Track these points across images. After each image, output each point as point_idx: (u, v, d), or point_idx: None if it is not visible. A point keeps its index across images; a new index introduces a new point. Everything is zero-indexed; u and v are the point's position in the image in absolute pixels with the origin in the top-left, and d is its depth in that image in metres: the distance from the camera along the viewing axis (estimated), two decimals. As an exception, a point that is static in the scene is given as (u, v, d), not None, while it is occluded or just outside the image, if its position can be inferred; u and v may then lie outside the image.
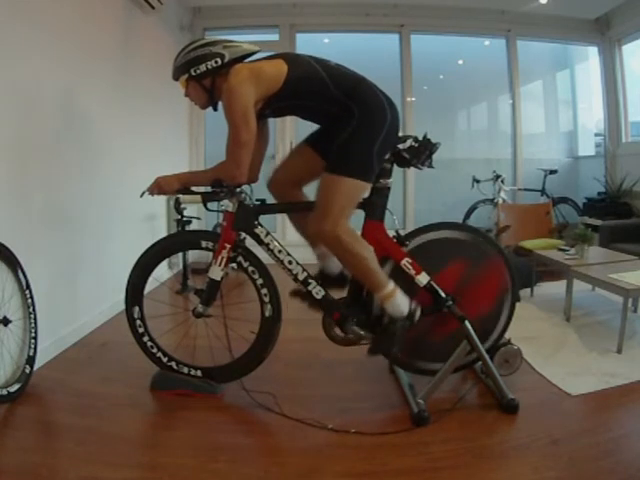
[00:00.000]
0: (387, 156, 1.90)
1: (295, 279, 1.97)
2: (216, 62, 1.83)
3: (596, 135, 5.71)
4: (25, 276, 2.09)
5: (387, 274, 1.93)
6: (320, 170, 1.88)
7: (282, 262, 1.97)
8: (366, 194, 1.95)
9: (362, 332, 1.93)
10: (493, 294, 2.01)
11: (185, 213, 3.48)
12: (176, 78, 1.92)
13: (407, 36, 5.06)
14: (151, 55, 3.78)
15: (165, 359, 2.09)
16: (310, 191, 2.00)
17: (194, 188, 1.97)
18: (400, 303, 1.85)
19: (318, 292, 1.95)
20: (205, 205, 1.99)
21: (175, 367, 2.09)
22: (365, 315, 1.96)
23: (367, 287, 1.91)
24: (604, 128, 5.25)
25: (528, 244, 3.67)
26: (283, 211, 2.00)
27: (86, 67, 2.77)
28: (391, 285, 1.85)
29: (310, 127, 2.04)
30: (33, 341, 2.11)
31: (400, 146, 1.90)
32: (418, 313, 1.88)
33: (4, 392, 1.89)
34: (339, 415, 1.85)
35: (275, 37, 4.99)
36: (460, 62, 5.52)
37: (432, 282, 1.90)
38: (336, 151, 1.82)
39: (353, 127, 1.79)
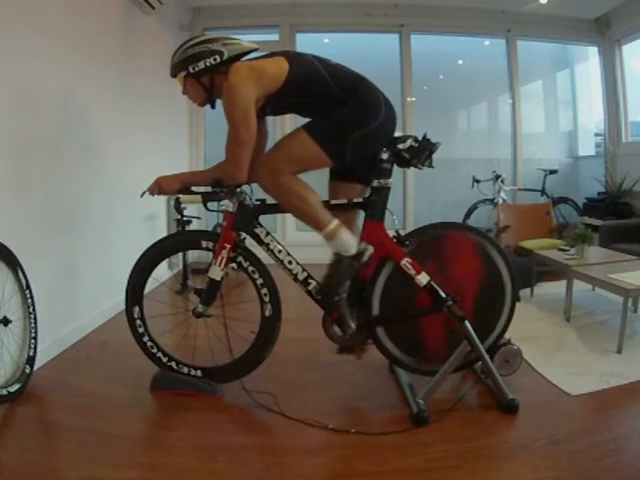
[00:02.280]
0: (387, 156, 1.90)
1: (295, 279, 1.97)
2: (215, 59, 1.82)
3: (596, 135, 5.72)
4: (25, 276, 2.09)
5: (386, 274, 1.93)
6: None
7: (282, 262, 1.97)
8: (366, 193, 1.96)
9: (356, 330, 1.93)
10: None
11: (185, 213, 3.48)
12: (174, 75, 1.91)
13: (407, 36, 5.06)
14: (151, 55, 3.78)
15: (165, 359, 2.09)
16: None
17: (194, 188, 1.97)
18: (345, 241, 1.85)
19: (318, 292, 1.95)
20: (205, 205, 1.99)
21: (175, 367, 2.09)
22: (365, 315, 1.95)
23: (313, 228, 1.89)
24: (604, 128, 5.25)
25: (528, 244, 3.67)
26: (283, 211, 1.99)
27: (86, 67, 2.77)
28: (335, 223, 1.85)
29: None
30: (33, 341, 2.11)
31: (400, 146, 1.90)
32: (368, 253, 1.88)
33: (4, 392, 1.89)
34: (339, 415, 1.86)
35: (275, 37, 4.99)
36: (460, 62, 5.52)
37: (432, 282, 1.90)
38: (319, 115, 1.85)
39: (344, 110, 1.81)
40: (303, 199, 1.83)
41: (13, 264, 2.03)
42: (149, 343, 2.09)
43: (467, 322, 1.87)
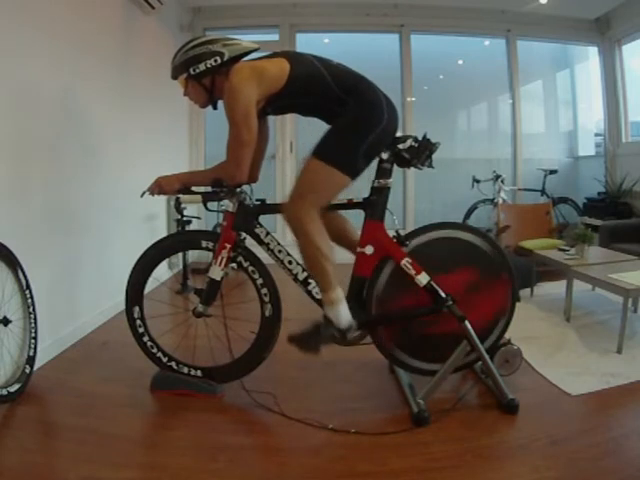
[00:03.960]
0: (387, 156, 1.90)
1: (295, 279, 1.97)
2: (215, 61, 1.82)
3: (596, 135, 5.72)
4: (25, 276, 2.09)
5: (387, 274, 1.93)
6: None
7: (282, 262, 1.97)
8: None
9: (358, 332, 1.93)
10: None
11: (185, 213, 3.48)
12: (175, 77, 1.91)
13: (407, 36, 5.06)
14: (151, 55, 3.78)
15: (165, 359, 2.09)
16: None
17: (194, 188, 1.97)
18: (340, 314, 1.83)
19: (318, 292, 1.95)
20: (205, 205, 1.99)
21: (175, 367, 2.09)
22: (364, 315, 1.95)
23: (317, 284, 1.88)
24: (604, 128, 5.25)
25: (528, 244, 3.67)
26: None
27: (86, 67, 2.77)
28: (338, 293, 1.83)
29: (311, 125, 2.04)
30: (33, 341, 2.11)
31: (400, 146, 1.90)
32: (352, 335, 1.88)
33: (4, 392, 1.89)
34: (339, 415, 1.85)
35: (275, 37, 5.00)
36: (460, 62, 5.52)
37: (432, 282, 1.90)
38: (324, 136, 1.83)
39: (347, 118, 1.80)
40: (321, 252, 1.80)
41: (13, 264, 2.03)
42: (149, 343, 2.09)
43: (467, 322, 1.88)
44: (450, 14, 4.91)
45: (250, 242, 1.99)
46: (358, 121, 1.80)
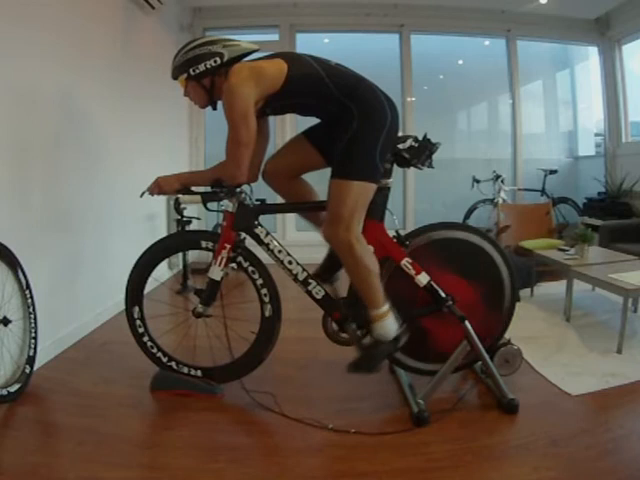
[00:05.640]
0: (387, 156, 1.90)
1: (295, 279, 1.97)
2: (215, 61, 1.82)
3: (596, 135, 5.72)
4: (25, 276, 2.09)
5: (387, 274, 1.93)
6: (314, 164, 1.95)
7: (282, 262, 1.97)
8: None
9: (359, 332, 1.93)
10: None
11: (185, 213, 3.47)
12: (175, 77, 1.91)
13: (407, 36, 5.06)
14: (151, 55, 3.78)
15: (165, 359, 2.09)
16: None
17: (194, 188, 1.97)
18: (390, 325, 1.84)
19: (318, 292, 1.95)
20: (205, 205, 1.99)
21: (175, 367, 2.09)
22: (365, 315, 1.95)
23: (365, 301, 1.87)
24: (604, 128, 5.25)
25: (528, 244, 3.67)
26: (283, 211, 1.99)
27: (86, 67, 2.77)
28: (387, 306, 1.84)
29: (311, 125, 2.04)
30: (33, 341, 2.11)
31: (400, 146, 1.90)
32: (404, 339, 1.88)
33: (4, 392, 1.89)
34: (339, 415, 1.85)
35: (275, 37, 5.00)
36: (460, 62, 5.52)
37: (432, 282, 1.90)
38: (340, 155, 1.82)
39: (354, 129, 1.79)
40: (369, 276, 1.81)
41: (13, 264, 2.03)
42: (149, 343, 2.09)
43: (467, 322, 1.88)
44: (450, 14, 4.91)
45: (250, 242, 1.99)
46: (366, 128, 1.80)
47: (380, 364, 1.88)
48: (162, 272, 3.84)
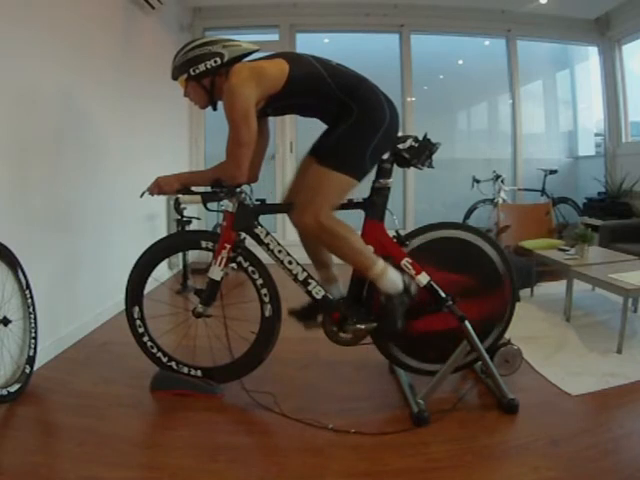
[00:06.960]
0: (387, 156, 1.90)
1: (295, 279, 1.97)
2: (215, 62, 1.82)
3: (596, 135, 5.72)
4: (25, 276, 2.09)
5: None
6: None
7: (282, 262, 1.97)
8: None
9: (363, 326, 1.93)
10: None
11: (185, 213, 3.48)
12: (175, 78, 1.91)
13: (407, 36, 5.07)
14: (151, 55, 3.78)
15: (165, 359, 2.09)
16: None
17: (194, 188, 1.97)
18: (394, 279, 1.84)
19: (318, 292, 1.95)
20: (205, 205, 1.99)
21: (175, 367, 2.09)
22: (365, 315, 1.95)
23: (358, 270, 1.88)
24: (604, 128, 5.25)
25: (528, 244, 3.67)
26: (283, 211, 1.99)
27: (86, 67, 2.77)
28: (381, 263, 1.84)
29: (311, 125, 2.04)
30: (33, 341, 2.11)
31: (400, 146, 1.90)
32: (414, 286, 1.88)
33: (4, 392, 1.89)
34: (339, 415, 1.85)
35: (275, 37, 5.00)
36: (460, 62, 5.52)
37: (432, 282, 1.90)
38: (330, 143, 1.83)
39: (350, 123, 1.80)
40: (349, 242, 1.81)
41: (13, 264, 2.03)
42: (149, 343, 2.09)
43: (467, 322, 1.88)
44: (450, 14, 4.91)
45: (250, 242, 1.99)
46: (362, 125, 1.80)
47: (402, 317, 1.85)
48: (162, 272, 3.84)
